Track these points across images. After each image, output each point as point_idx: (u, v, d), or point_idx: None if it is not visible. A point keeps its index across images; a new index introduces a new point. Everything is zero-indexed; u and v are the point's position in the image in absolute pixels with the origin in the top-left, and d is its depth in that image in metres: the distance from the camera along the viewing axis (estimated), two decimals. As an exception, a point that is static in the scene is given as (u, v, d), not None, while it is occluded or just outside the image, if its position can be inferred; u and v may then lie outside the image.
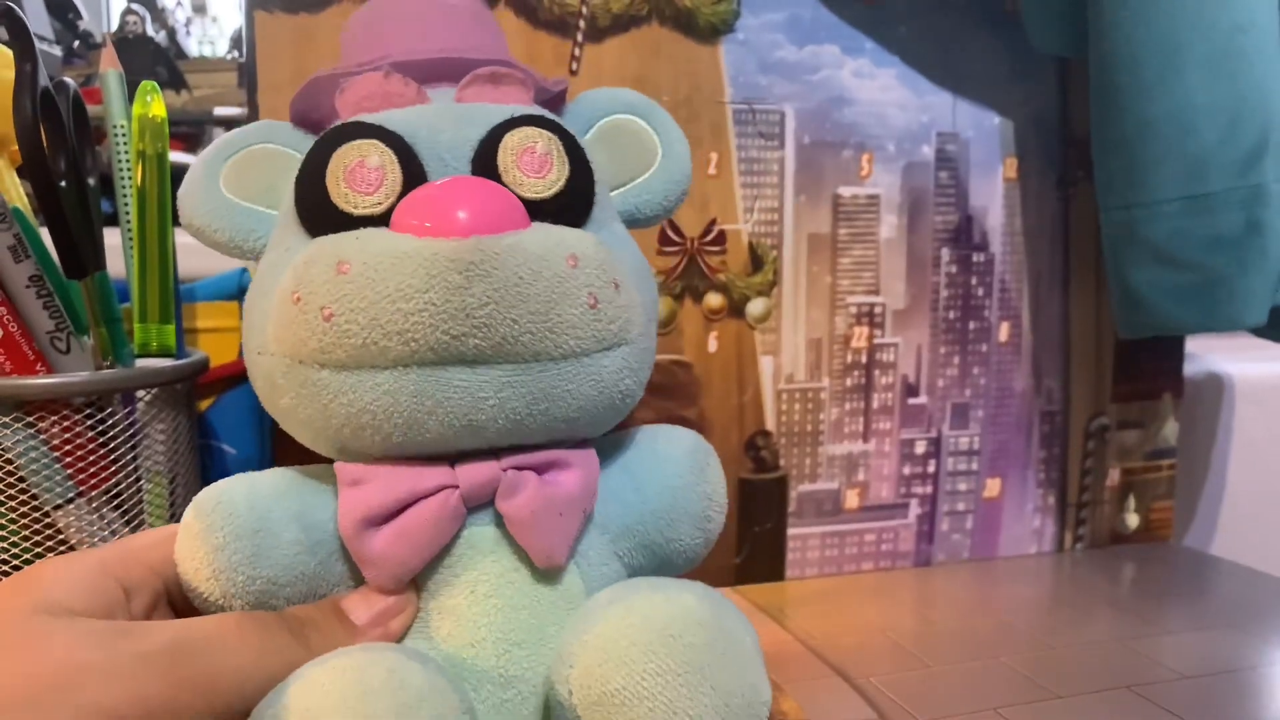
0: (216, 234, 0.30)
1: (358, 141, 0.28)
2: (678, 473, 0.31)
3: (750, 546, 0.57)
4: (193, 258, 0.50)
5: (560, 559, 0.28)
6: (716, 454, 0.33)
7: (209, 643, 0.23)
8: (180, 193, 0.31)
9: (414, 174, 0.28)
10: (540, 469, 0.28)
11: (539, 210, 0.27)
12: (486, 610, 0.27)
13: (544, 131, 0.29)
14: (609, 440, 0.32)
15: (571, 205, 0.29)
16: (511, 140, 0.28)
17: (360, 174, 0.27)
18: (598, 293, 0.27)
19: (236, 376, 0.51)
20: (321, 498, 0.28)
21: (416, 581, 0.28)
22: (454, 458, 0.27)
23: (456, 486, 0.27)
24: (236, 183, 0.31)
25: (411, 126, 0.28)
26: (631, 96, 0.34)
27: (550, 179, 0.28)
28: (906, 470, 0.60)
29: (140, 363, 0.43)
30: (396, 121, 0.28)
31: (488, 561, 0.27)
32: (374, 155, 0.27)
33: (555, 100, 0.33)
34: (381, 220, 0.27)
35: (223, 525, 0.26)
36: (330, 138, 0.28)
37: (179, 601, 0.27)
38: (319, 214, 0.27)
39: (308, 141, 0.30)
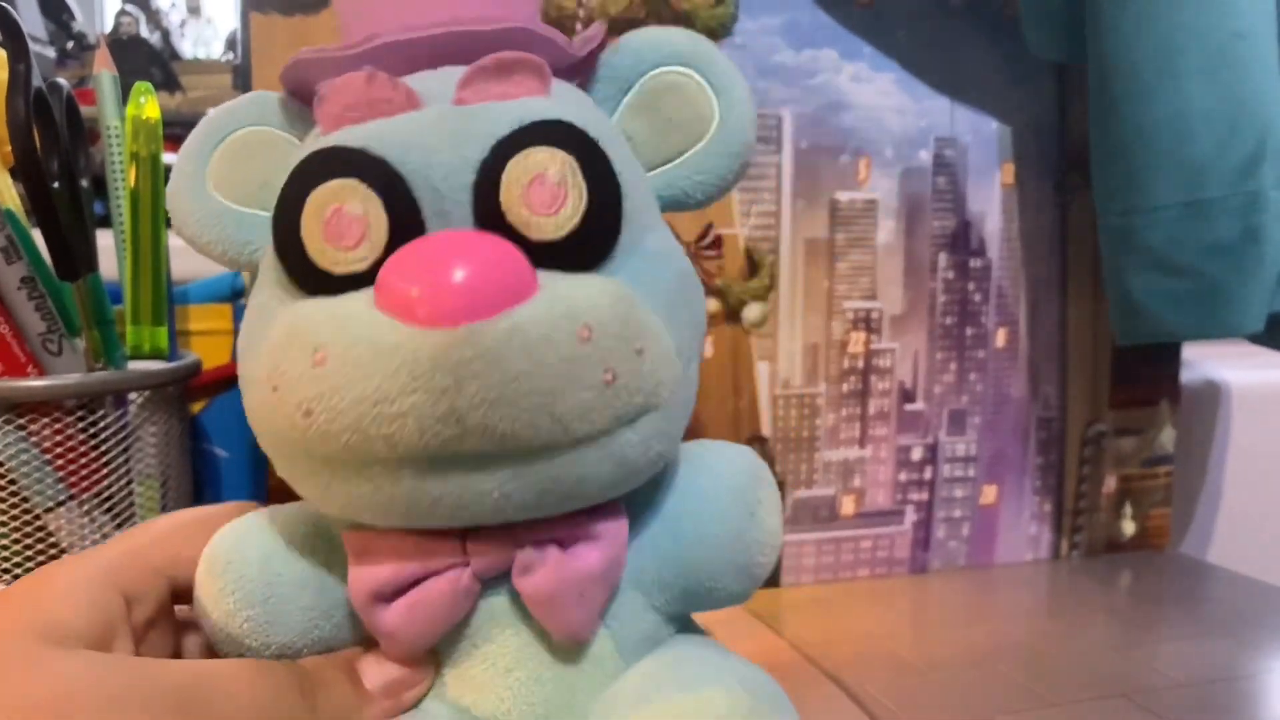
0: (209, 245, 0.27)
1: (336, 183, 0.23)
2: (722, 518, 0.27)
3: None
4: (185, 260, 0.50)
5: (584, 636, 0.25)
6: (772, 482, 0.28)
7: (215, 694, 0.22)
8: (168, 193, 0.28)
9: (403, 217, 0.23)
10: (562, 541, 0.25)
11: (549, 255, 0.23)
12: (510, 684, 0.25)
13: (557, 153, 0.23)
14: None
15: (589, 245, 0.24)
16: (516, 169, 0.23)
17: (339, 225, 0.23)
18: (616, 366, 0.22)
19: (229, 379, 0.51)
20: (335, 558, 0.26)
21: (436, 648, 0.26)
22: (466, 529, 0.25)
23: (468, 563, 0.25)
24: (227, 179, 0.27)
25: (401, 148, 0.24)
26: (683, 42, 0.27)
27: (564, 215, 0.23)
28: (903, 477, 0.60)
29: (132, 365, 0.42)
30: (384, 142, 0.24)
31: (507, 634, 0.25)
32: (354, 200, 0.23)
33: (589, 58, 0.28)
34: (367, 278, 0.23)
35: (234, 590, 0.25)
36: (305, 173, 0.24)
37: (185, 595, 0.26)
38: (298, 267, 0.24)
39: (304, 119, 0.27)
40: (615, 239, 0.24)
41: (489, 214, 0.23)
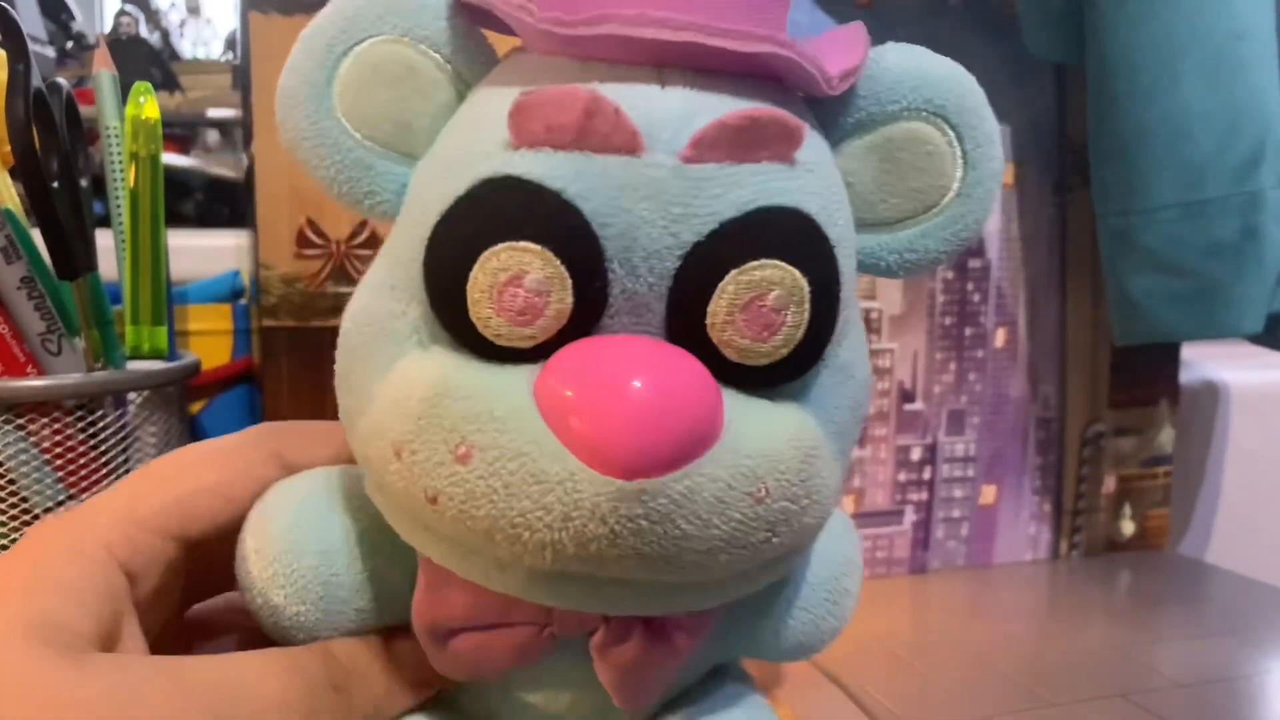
0: (327, 180, 0.22)
1: (520, 245, 0.18)
2: (806, 606, 0.25)
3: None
4: (185, 260, 0.50)
5: (647, 708, 0.24)
6: (859, 561, 0.27)
7: (247, 696, 0.21)
8: (280, 95, 0.22)
9: (589, 299, 0.19)
10: (648, 620, 0.22)
11: (743, 375, 0.20)
12: (560, 710, 0.24)
13: (789, 272, 0.19)
14: None
15: (791, 374, 0.20)
16: (738, 282, 0.19)
17: (515, 298, 0.19)
18: (781, 528, 0.20)
19: (228, 379, 0.51)
20: (398, 562, 0.23)
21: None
22: None
23: (550, 625, 0.22)
24: (358, 106, 0.21)
25: (608, 206, 0.19)
26: (950, 86, 0.23)
27: (775, 344, 0.19)
28: (902, 477, 0.60)
29: (132, 365, 0.42)
30: (585, 187, 0.19)
31: (567, 692, 0.24)
32: (536, 270, 0.18)
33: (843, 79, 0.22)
34: (532, 355, 0.19)
35: (285, 584, 0.23)
36: (483, 213, 0.19)
37: (193, 562, 0.24)
38: (453, 322, 0.20)
39: (471, 44, 0.22)
40: (818, 364, 0.21)
41: (689, 321, 0.19)
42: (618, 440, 0.18)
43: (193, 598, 0.26)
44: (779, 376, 0.20)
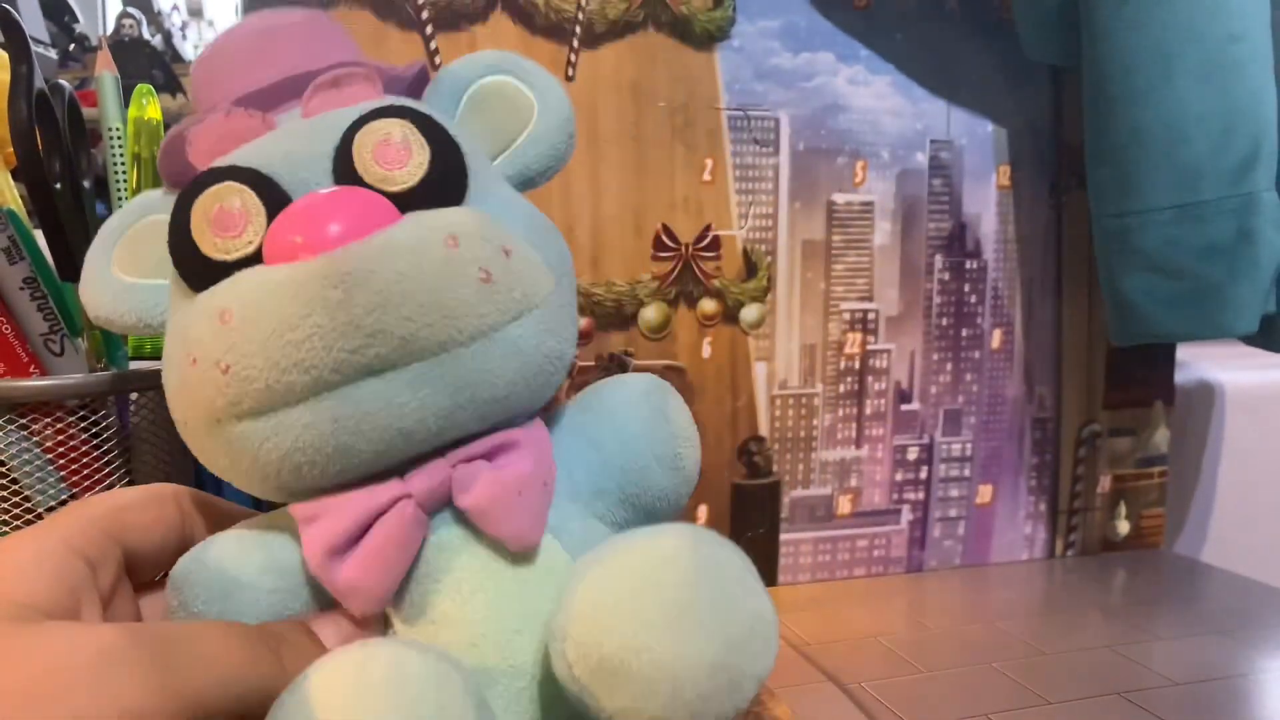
0: (125, 319, 0.30)
1: (213, 188, 0.26)
2: (634, 419, 0.30)
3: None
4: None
5: (535, 538, 0.27)
6: (674, 391, 0.31)
7: (196, 653, 0.23)
8: (80, 293, 0.30)
9: (276, 202, 0.26)
10: (490, 455, 0.27)
11: (410, 201, 0.26)
12: (476, 607, 0.26)
13: (397, 120, 0.27)
14: (559, 408, 0.31)
15: (442, 187, 0.27)
16: (364, 138, 0.27)
17: (224, 219, 0.26)
18: (488, 265, 0.26)
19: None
20: (286, 542, 0.27)
21: (399, 598, 0.27)
22: (402, 469, 0.26)
23: (410, 495, 0.26)
24: (131, 263, 0.30)
25: (264, 156, 0.27)
26: (491, 57, 0.32)
27: (413, 165, 0.27)
28: (899, 476, 0.60)
29: (134, 365, 0.43)
30: (248, 156, 0.27)
31: (463, 559, 0.27)
32: (233, 197, 0.26)
33: (415, 84, 0.32)
34: (258, 258, 0.26)
35: (199, 596, 0.26)
36: (187, 192, 0.27)
37: (136, 567, 0.27)
38: (197, 270, 0.26)
39: None
40: (464, 181, 0.28)
41: (347, 178, 0.27)
42: (315, 228, 0.25)
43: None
44: (436, 193, 0.27)
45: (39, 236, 0.40)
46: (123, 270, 0.30)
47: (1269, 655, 0.49)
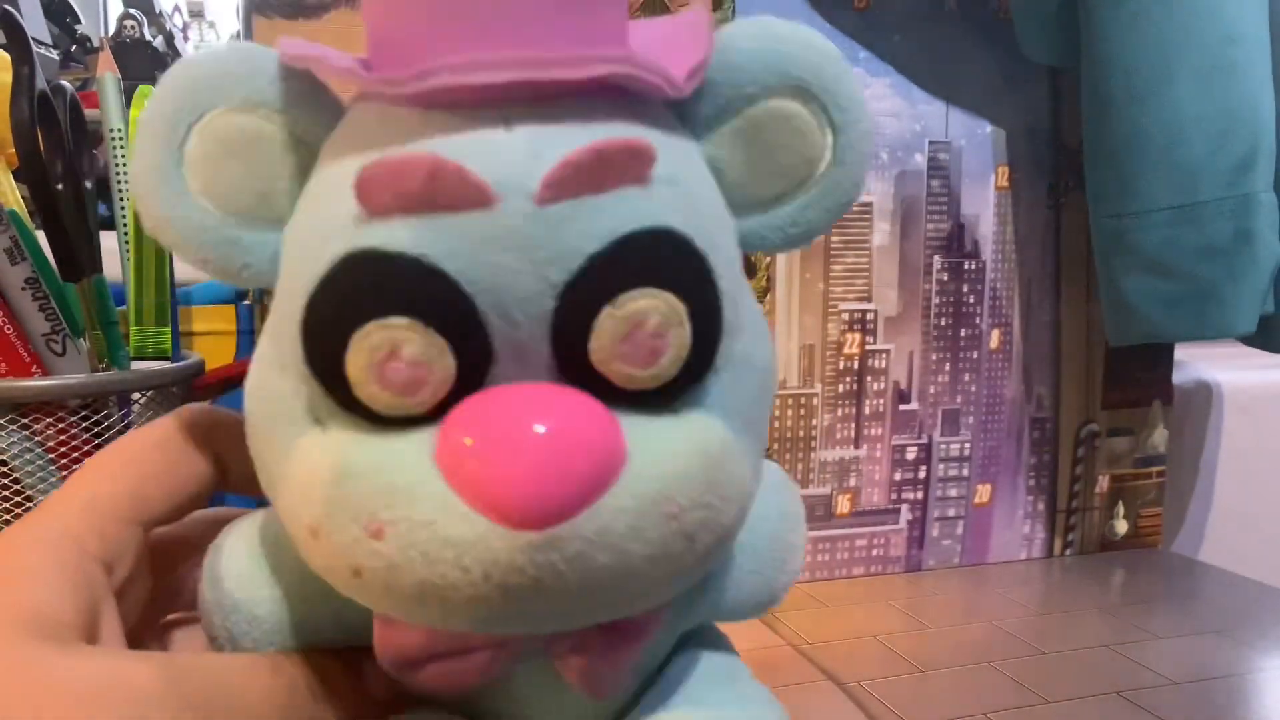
0: (199, 260, 0.22)
1: (391, 322, 0.18)
2: (753, 567, 0.26)
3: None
4: (188, 261, 0.50)
5: (616, 694, 0.24)
6: (802, 515, 0.27)
7: (233, 694, 0.21)
8: (133, 185, 0.22)
9: (471, 357, 0.19)
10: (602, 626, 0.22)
11: (638, 397, 0.20)
12: (545, 708, 0.24)
13: (659, 297, 0.19)
14: None
15: (684, 389, 0.20)
16: (611, 321, 0.19)
17: (395, 372, 0.18)
18: (697, 534, 0.19)
19: (232, 379, 0.51)
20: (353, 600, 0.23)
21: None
22: None
23: (508, 644, 0.22)
24: (212, 183, 0.21)
25: (469, 261, 0.18)
26: (809, 59, 0.22)
27: (662, 366, 0.19)
28: (898, 476, 0.60)
29: (136, 365, 0.43)
30: (446, 249, 0.18)
31: (545, 694, 0.24)
32: (413, 346, 0.18)
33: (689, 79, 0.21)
34: (430, 415, 0.19)
35: (248, 629, 0.23)
36: (350, 291, 0.19)
37: (167, 521, 0.25)
38: (341, 398, 0.19)
39: (312, 103, 0.21)
40: (711, 364, 0.20)
41: (574, 364, 0.19)
42: (521, 492, 0.18)
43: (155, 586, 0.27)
44: (673, 394, 0.20)
45: (41, 237, 0.40)
46: (203, 192, 0.21)
47: (1267, 654, 0.49)
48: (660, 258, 0.19)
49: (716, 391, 0.21)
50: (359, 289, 0.19)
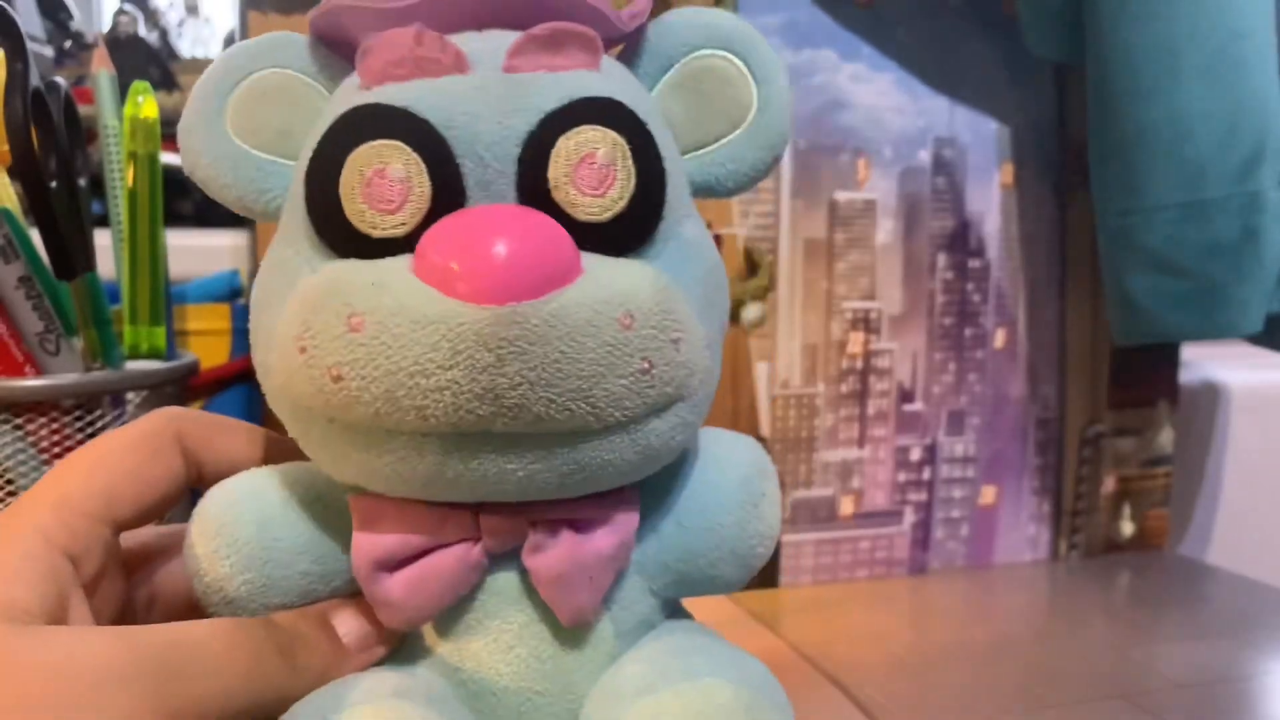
0: (224, 188, 0.26)
1: (379, 143, 0.23)
2: (727, 509, 0.27)
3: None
4: (183, 259, 0.50)
5: (589, 618, 0.25)
6: (775, 475, 0.29)
7: (195, 661, 0.22)
8: (180, 130, 0.26)
9: (446, 184, 0.23)
10: (575, 523, 0.25)
11: (592, 237, 0.23)
12: (510, 660, 0.25)
13: (608, 133, 0.23)
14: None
15: (633, 228, 0.24)
16: (567, 146, 0.23)
17: (380, 187, 0.22)
18: (653, 355, 0.22)
19: (227, 379, 0.51)
20: (335, 525, 0.25)
21: (435, 621, 0.26)
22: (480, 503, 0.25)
23: (479, 539, 0.24)
24: (245, 123, 0.26)
25: (446, 112, 0.23)
26: (728, 25, 0.27)
27: (611, 197, 0.23)
28: (901, 477, 0.60)
29: (130, 365, 0.42)
30: (430, 104, 0.23)
31: (512, 611, 0.25)
32: (397, 161, 0.22)
33: (633, 36, 0.27)
34: (405, 244, 0.23)
35: (229, 554, 0.25)
36: (346, 130, 0.23)
37: (137, 525, 0.26)
38: (332, 228, 0.23)
39: (331, 65, 0.26)
40: (658, 224, 0.24)
41: (534, 190, 0.23)
42: (483, 273, 0.21)
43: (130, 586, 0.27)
44: (625, 232, 0.23)
45: (34, 235, 0.39)
46: (237, 132, 0.26)
47: (1274, 657, 0.49)
48: (607, 110, 0.24)
49: (667, 258, 0.24)
50: (356, 124, 0.23)
